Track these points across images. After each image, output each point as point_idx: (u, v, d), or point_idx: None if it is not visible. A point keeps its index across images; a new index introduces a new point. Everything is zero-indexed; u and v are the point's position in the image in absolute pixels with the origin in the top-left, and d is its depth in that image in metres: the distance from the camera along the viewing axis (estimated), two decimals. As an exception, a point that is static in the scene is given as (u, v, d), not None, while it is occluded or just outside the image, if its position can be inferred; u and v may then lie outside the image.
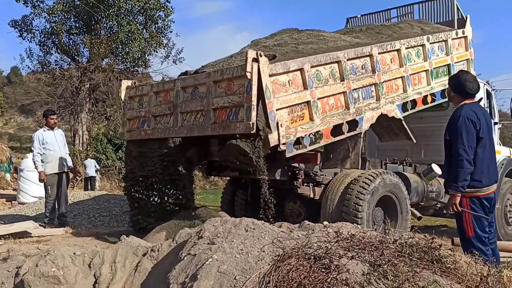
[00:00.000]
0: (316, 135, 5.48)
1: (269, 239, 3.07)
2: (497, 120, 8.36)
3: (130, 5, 21.16)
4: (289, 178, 5.74)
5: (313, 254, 2.65)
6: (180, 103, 5.69)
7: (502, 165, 7.81)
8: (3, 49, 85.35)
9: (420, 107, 7.03)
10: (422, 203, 7.08)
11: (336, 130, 5.73)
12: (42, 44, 21.96)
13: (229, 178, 7.41)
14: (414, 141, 6.88)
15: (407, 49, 6.74)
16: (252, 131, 4.72)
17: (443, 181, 6.59)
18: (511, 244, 5.85)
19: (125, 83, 6.84)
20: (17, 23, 21.68)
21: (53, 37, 21.59)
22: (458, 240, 4.45)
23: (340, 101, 5.80)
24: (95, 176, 16.83)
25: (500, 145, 8.51)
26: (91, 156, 19.76)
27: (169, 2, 22.18)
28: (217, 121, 5.20)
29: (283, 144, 4.99)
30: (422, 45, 7.00)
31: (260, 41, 6.56)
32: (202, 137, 5.60)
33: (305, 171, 5.84)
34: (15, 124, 42.17)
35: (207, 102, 5.29)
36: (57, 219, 7.45)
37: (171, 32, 23.28)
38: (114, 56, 22.36)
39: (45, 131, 7.58)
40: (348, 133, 5.86)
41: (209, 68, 5.86)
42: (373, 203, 5.70)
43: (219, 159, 5.65)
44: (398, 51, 6.60)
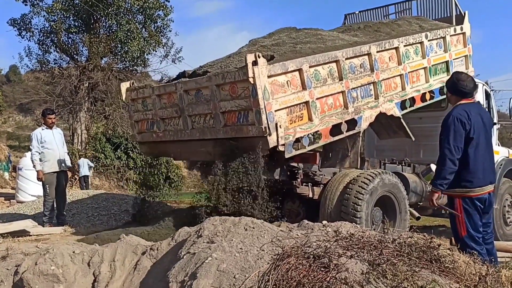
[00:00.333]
0: (315, 135, 5.48)
1: (268, 238, 3.07)
2: (496, 120, 8.37)
3: (129, 4, 21.12)
4: (288, 177, 5.75)
5: (312, 253, 2.65)
6: (186, 106, 5.70)
7: (500, 165, 7.81)
8: (2, 47, 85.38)
9: (418, 105, 7.02)
10: (420, 203, 7.08)
11: (335, 129, 5.73)
12: (41, 42, 21.90)
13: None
14: (413, 139, 6.87)
15: (405, 46, 6.72)
16: (265, 135, 4.82)
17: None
18: (509, 244, 5.86)
19: (124, 85, 6.79)
20: (16, 22, 21.62)
21: (52, 35, 21.54)
22: (456, 240, 4.47)
23: (338, 101, 5.79)
24: (88, 175, 16.99)
25: (498, 145, 8.51)
26: (89, 155, 19.77)
27: (169, 1, 22.16)
28: (228, 123, 5.25)
29: (281, 145, 5.00)
30: (420, 43, 6.98)
31: (258, 41, 6.56)
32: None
33: (304, 170, 5.83)
34: (14, 122, 42.10)
35: (213, 105, 5.32)
36: (55, 218, 7.45)
37: (170, 31, 23.21)
38: (113, 55, 22.32)
39: (43, 129, 7.56)
40: (347, 132, 5.86)
41: (206, 68, 5.86)
42: (372, 203, 5.71)
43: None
44: (396, 49, 6.58)
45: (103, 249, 3.53)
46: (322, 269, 2.52)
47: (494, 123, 8.03)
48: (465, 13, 8.01)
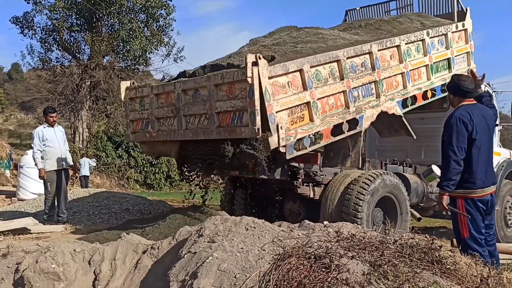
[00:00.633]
0: (316, 135, 5.46)
1: (269, 238, 3.07)
2: (497, 122, 8.35)
3: (131, 3, 21.15)
4: (289, 178, 5.74)
5: (313, 253, 2.65)
6: (182, 106, 5.67)
7: (502, 167, 7.80)
8: (4, 45, 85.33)
9: (420, 103, 6.98)
10: (422, 204, 7.08)
11: (336, 129, 5.71)
12: (43, 41, 21.96)
13: (228, 177, 7.40)
14: (414, 137, 6.84)
15: (406, 44, 6.68)
16: (258, 136, 4.78)
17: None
18: (511, 246, 5.85)
19: (124, 84, 6.79)
20: (19, 20, 21.67)
21: (54, 34, 21.59)
22: (457, 241, 4.46)
23: (340, 100, 5.77)
24: (89, 175, 17.05)
25: (500, 147, 8.50)
26: (90, 153, 19.78)
27: (171, 0, 22.23)
28: (222, 124, 5.21)
29: (283, 146, 4.98)
30: (422, 40, 6.93)
31: (258, 40, 6.52)
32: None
33: (305, 171, 5.83)
34: (15, 120, 42.11)
35: (209, 105, 5.28)
36: (56, 216, 7.46)
37: (172, 30, 23.30)
38: (115, 54, 22.36)
39: (45, 127, 7.57)
40: (348, 132, 5.84)
41: (207, 68, 5.85)
42: (373, 203, 5.70)
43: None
44: (397, 47, 6.54)
45: (104, 247, 3.53)
46: (323, 269, 2.51)
47: (496, 125, 8.01)
48: (467, 9, 7.95)
